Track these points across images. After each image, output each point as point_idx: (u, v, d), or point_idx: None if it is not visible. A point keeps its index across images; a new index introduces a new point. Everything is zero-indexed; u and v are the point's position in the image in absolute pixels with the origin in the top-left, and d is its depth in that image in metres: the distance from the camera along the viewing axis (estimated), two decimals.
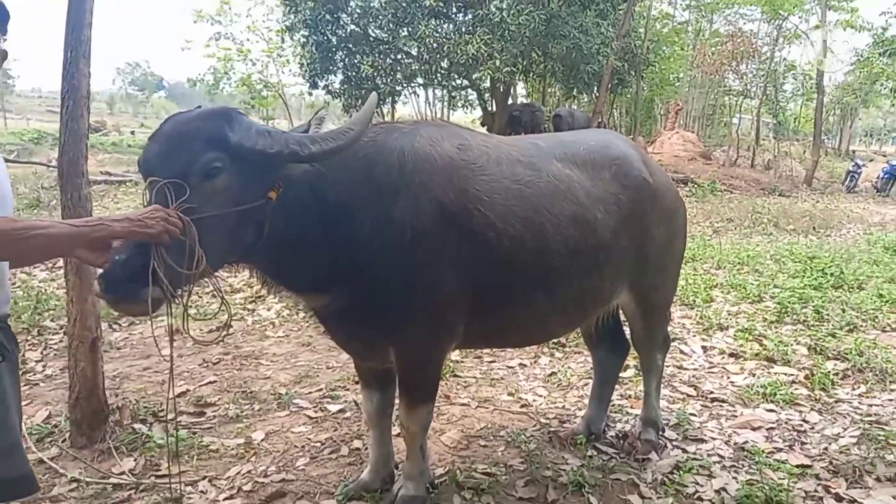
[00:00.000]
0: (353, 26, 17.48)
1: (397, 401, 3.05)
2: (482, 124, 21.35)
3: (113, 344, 5.18)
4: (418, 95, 22.46)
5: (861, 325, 5.85)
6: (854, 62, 27.18)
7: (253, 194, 2.15)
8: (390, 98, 19.75)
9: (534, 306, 2.87)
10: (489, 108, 20.47)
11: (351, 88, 18.40)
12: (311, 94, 20.28)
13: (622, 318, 3.73)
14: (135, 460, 3.45)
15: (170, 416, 3.53)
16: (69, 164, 3.22)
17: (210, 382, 4.54)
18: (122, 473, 3.30)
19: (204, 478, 3.32)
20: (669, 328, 3.99)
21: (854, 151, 32.78)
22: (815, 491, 3.28)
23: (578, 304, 3.03)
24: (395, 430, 3.34)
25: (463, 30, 16.86)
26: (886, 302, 6.43)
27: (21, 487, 1.93)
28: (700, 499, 3.20)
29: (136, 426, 3.77)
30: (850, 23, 23.69)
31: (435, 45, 16.52)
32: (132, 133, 33.26)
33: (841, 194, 20.51)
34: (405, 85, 19.67)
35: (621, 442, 3.74)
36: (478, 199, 2.62)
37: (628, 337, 3.77)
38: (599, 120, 19.23)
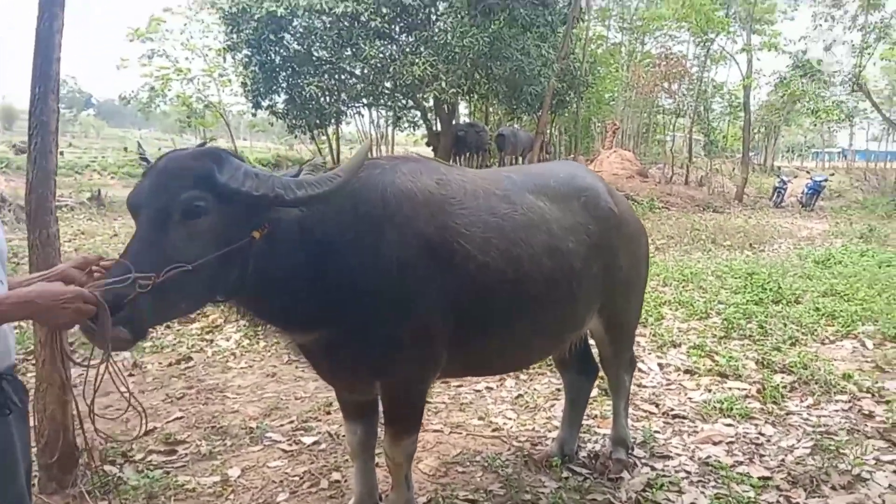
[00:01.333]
0: (296, 46, 17.38)
1: (380, 431, 3.09)
2: (427, 144, 21.56)
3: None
4: (363, 115, 22.49)
5: (802, 339, 6.19)
6: (776, 83, 28.67)
7: (237, 235, 2.17)
8: (335, 118, 19.69)
9: (514, 334, 2.98)
10: (434, 128, 20.67)
11: (295, 109, 18.27)
12: (254, 114, 19.98)
13: (590, 341, 3.88)
14: None
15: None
16: (38, 202, 3.14)
17: (177, 418, 4.45)
18: None
19: None
20: None
21: (780, 168, 34.53)
22: (778, 502, 3.48)
23: (555, 330, 3.16)
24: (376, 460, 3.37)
25: (407, 50, 17.05)
26: (823, 315, 6.83)
27: None
28: None
29: (107, 468, 3.67)
30: (772, 44, 25.08)
31: (379, 65, 16.63)
32: (61, 154, 32.02)
33: (769, 209, 21.58)
34: (349, 105, 19.67)
35: (593, 462, 3.87)
36: (458, 232, 2.71)
37: (596, 359, 3.93)
38: (542, 139, 19.68)
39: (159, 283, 1.92)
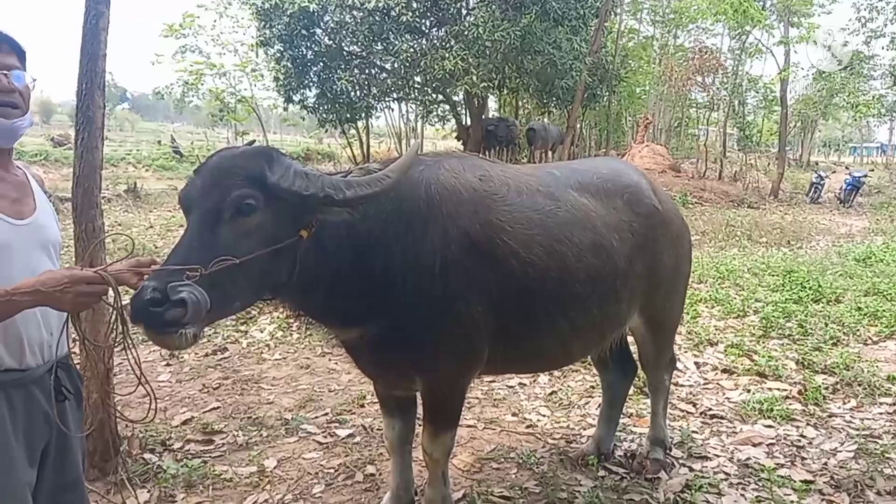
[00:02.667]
0: (327, 41, 17.44)
1: (418, 427, 3.09)
2: (457, 138, 21.51)
3: None
4: (392, 110, 22.50)
5: (843, 339, 6.04)
6: (814, 76, 27.98)
7: (286, 234, 2.17)
8: (365, 113, 19.74)
9: (557, 332, 2.94)
10: (464, 123, 20.61)
11: (326, 103, 18.36)
12: (286, 109, 20.11)
13: (630, 339, 3.82)
14: (149, 492, 3.42)
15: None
16: (84, 196, 3.20)
17: (214, 409, 4.51)
18: None
19: None
20: None
21: (817, 163, 33.77)
22: None
23: (597, 329, 3.12)
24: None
25: (438, 45, 16.98)
26: (865, 315, 6.65)
27: None
28: None
29: (146, 456, 3.73)
30: (810, 37, 24.47)
31: (410, 59, 16.61)
32: None
33: (806, 205, 21.09)
34: (380, 100, 19.69)
35: (630, 461, 3.81)
36: (501, 228, 2.69)
37: (635, 358, 3.87)
38: (573, 134, 19.51)
39: (211, 279, 1.92)
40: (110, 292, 1.86)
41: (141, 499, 3.33)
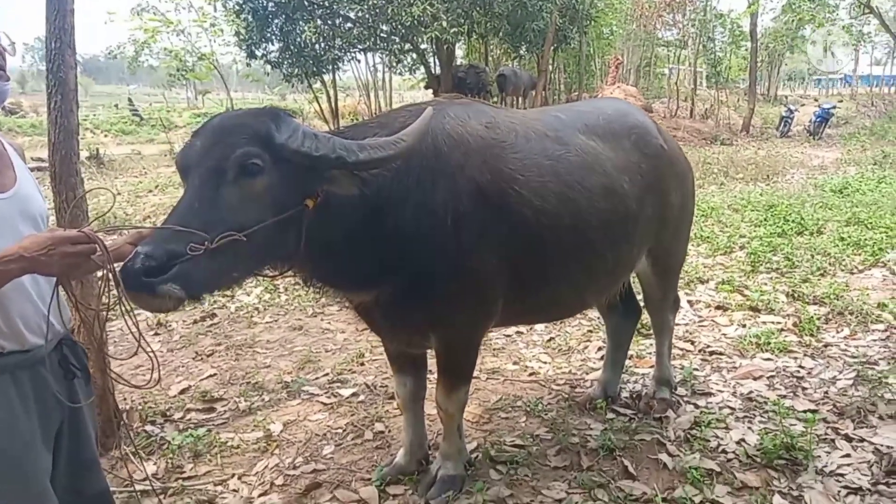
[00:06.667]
0: None
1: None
2: (426, 87, 21.08)
3: None
4: (359, 61, 21.88)
5: (830, 269, 6.12)
6: (782, 7, 27.78)
7: (292, 201, 2.04)
8: (331, 65, 19.16)
9: (571, 280, 2.89)
10: (433, 71, 20.16)
11: (290, 56, 17.76)
12: (248, 64, 19.44)
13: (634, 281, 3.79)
14: (155, 464, 3.35)
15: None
16: (62, 163, 3.00)
17: (210, 376, 4.42)
18: (146, 479, 3.17)
19: (232, 475, 3.25)
20: None
21: (785, 97, 33.83)
22: (826, 433, 3.45)
23: (611, 273, 3.07)
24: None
25: None
26: (849, 245, 6.74)
27: (100, 503, 1.97)
28: (724, 451, 3.32)
29: (148, 428, 3.65)
30: None
31: (376, 7, 16.07)
32: None
33: (777, 139, 21.23)
34: (346, 51, 19.11)
35: (637, 402, 3.83)
36: (512, 178, 2.59)
37: (639, 300, 3.85)
38: (545, 78, 19.25)
39: (210, 251, 1.80)
40: None
41: (149, 471, 3.25)
